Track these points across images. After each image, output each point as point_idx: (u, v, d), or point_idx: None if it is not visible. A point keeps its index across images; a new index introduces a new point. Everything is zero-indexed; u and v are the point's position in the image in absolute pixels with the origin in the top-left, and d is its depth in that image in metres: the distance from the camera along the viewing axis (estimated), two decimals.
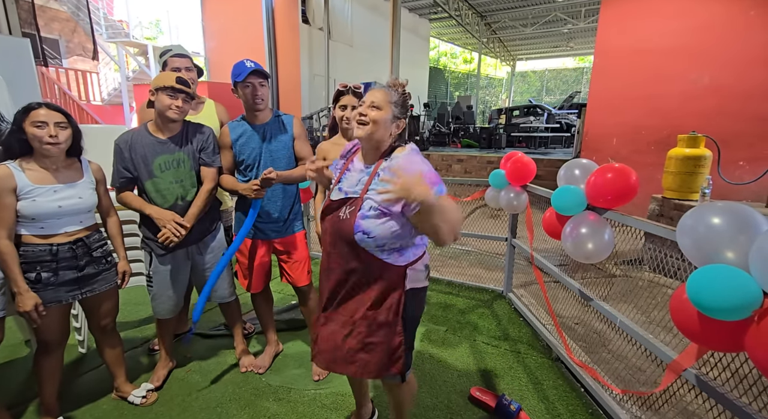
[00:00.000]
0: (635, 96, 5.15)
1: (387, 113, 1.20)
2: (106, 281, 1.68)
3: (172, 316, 1.95)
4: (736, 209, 1.05)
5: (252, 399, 1.89)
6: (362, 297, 1.26)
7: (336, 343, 1.29)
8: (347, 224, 1.18)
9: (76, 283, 1.58)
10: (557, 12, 13.19)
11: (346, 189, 1.26)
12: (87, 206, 1.59)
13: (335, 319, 1.31)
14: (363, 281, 1.25)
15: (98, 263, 1.64)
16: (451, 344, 2.39)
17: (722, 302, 0.96)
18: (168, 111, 1.69)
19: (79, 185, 1.57)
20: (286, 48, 9.67)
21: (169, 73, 1.71)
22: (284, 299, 2.95)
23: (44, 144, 1.45)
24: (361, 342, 1.26)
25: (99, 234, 1.67)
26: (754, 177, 3.74)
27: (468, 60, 24.08)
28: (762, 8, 4.35)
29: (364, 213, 1.17)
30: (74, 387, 1.96)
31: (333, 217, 1.25)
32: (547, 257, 2.54)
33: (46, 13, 10.93)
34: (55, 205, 1.49)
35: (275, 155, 1.86)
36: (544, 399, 1.90)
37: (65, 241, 1.53)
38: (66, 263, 1.54)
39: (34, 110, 1.45)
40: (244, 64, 1.75)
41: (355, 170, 1.29)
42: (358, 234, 1.17)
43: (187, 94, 1.71)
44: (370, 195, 1.18)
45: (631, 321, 1.66)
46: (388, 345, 1.26)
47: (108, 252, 1.70)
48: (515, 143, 10.68)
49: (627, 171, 1.67)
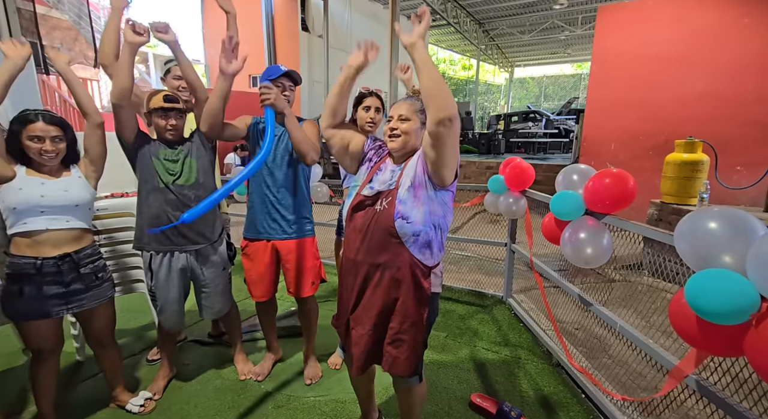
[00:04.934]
0: (632, 102, 5.19)
1: (416, 123, 1.29)
2: (96, 297, 1.62)
3: (180, 328, 1.94)
4: (732, 214, 1.06)
5: (251, 407, 1.87)
6: (392, 293, 1.27)
7: (367, 346, 1.32)
8: (387, 212, 1.24)
9: (63, 298, 1.53)
10: (554, 19, 13.33)
11: (378, 187, 1.31)
12: (73, 200, 1.53)
13: (364, 321, 1.32)
14: (392, 277, 1.26)
15: (86, 280, 1.57)
16: (451, 350, 2.38)
17: (720, 306, 0.96)
18: (165, 133, 1.71)
19: (65, 179, 1.55)
20: (286, 55, 9.75)
21: (157, 94, 1.72)
22: (282, 306, 2.94)
23: (39, 156, 1.47)
24: (392, 337, 1.29)
25: (93, 249, 1.62)
26: (751, 182, 3.76)
27: (467, 66, 24.26)
28: (755, 16, 4.40)
29: (400, 199, 1.24)
30: (72, 395, 1.94)
31: (368, 211, 1.29)
32: (547, 262, 2.54)
33: (48, 22, 11.01)
34: (37, 194, 1.46)
35: (282, 146, 1.85)
36: (545, 406, 1.89)
37: (51, 255, 1.48)
38: (50, 278, 1.49)
39: (32, 122, 1.44)
40: (278, 67, 1.81)
41: (386, 170, 1.35)
42: (398, 221, 1.22)
43: (178, 110, 1.73)
44: (403, 181, 1.26)
45: (631, 325, 1.66)
46: (416, 342, 1.30)
47: (99, 268, 1.63)
48: (514, 148, 10.73)
49: (625, 176, 1.67)
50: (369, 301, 1.30)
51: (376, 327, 1.30)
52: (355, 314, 1.34)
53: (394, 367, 1.30)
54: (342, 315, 1.42)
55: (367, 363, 1.34)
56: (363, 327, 1.32)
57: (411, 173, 1.26)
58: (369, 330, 1.30)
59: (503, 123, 11.57)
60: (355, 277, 1.32)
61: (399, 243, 1.24)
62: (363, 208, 1.31)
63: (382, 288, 1.28)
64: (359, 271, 1.31)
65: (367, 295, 1.30)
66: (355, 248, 1.32)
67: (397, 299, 1.27)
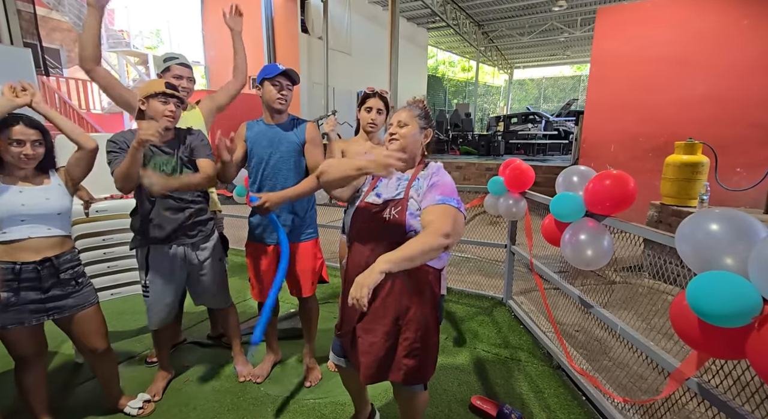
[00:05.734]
0: (632, 103, 5.19)
1: (414, 127, 1.32)
2: (77, 304, 1.57)
3: (164, 326, 1.92)
4: (734, 216, 1.05)
5: (250, 409, 1.86)
6: (404, 301, 1.26)
7: (378, 354, 1.28)
8: (397, 221, 1.24)
9: (41, 303, 1.49)
10: (554, 21, 13.36)
11: (385, 195, 1.31)
12: (55, 209, 1.50)
13: (375, 330, 1.29)
14: (404, 284, 1.25)
15: (65, 285, 1.53)
16: (451, 352, 2.37)
17: (722, 308, 0.95)
18: (161, 118, 1.67)
19: (45, 188, 1.51)
20: (286, 57, 9.76)
21: (157, 80, 1.71)
22: (282, 308, 2.93)
23: (18, 160, 1.44)
24: (408, 348, 1.27)
25: (72, 254, 1.58)
26: (751, 184, 3.75)
27: (466, 68, 24.30)
28: (754, 18, 4.42)
29: (411, 212, 1.24)
30: (70, 398, 1.93)
31: (376, 219, 1.28)
32: (547, 263, 2.54)
33: (48, 24, 11.03)
34: (18, 202, 1.42)
35: (283, 157, 1.84)
36: (546, 408, 1.89)
37: (31, 260, 1.44)
38: (29, 283, 1.45)
39: (12, 125, 1.41)
40: (276, 65, 1.81)
41: (391, 179, 1.34)
42: (411, 233, 1.21)
43: (178, 98, 1.72)
44: (412, 195, 1.26)
45: (632, 328, 1.65)
46: (431, 349, 1.30)
47: (79, 274, 1.59)
48: (513, 150, 10.74)
49: (625, 178, 1.67)
50: (380, 309, 1.27)
51: (389, 335, 1.27)
52: (364, 322, 1.31)
53: (411, 378, 1.28)
54: (347, 324, 1.38)
55: (378, 372, 1.29)
56: (374, 336, 1.28)
57: (418, 197, 1.25)
58: (381, 338, 1.27)
59: (503, 125, 11.57)
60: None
61: None
62: (369, 215, 1.30)
63: (394, 296, 1.26)
64: None
65: (377, 303, 1.27)
66: (364, 256, 1.28)
67: (409, 308, 1.25)
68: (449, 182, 1.27)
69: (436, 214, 1.17)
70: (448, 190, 1.23)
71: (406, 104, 1.40)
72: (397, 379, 1.29)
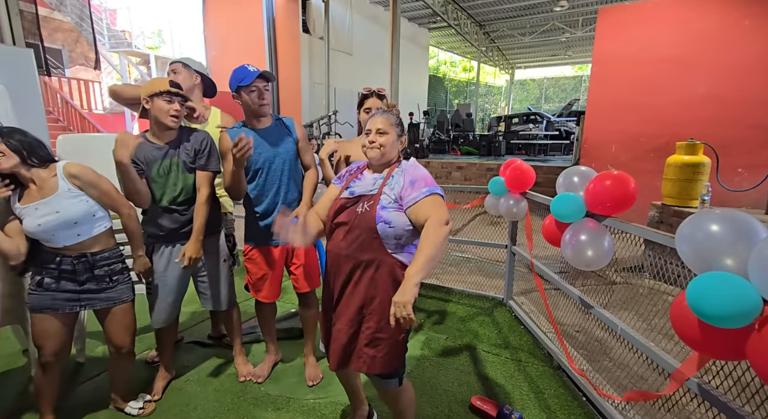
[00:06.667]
0: (633, 104, 5.18)
1: (392, 136, 1.37)
2: (110, 299, 1.63)
3: (168, 325, 1.93)
4: (735, 216, 1.05)
5: (250, 408, 1.87)
6: (371, 291, 1.29)
7: (342, 341, 1.32)
8: (368, 214, 1.28)
9: (76, 294, 1.57)
10: (555, 21, 13.34)
11: (359, 191, 1.36)
12: (70, 219, 1.48)
13: (342, 316, 1.33)
14: (372, 275, 1.28)
15: (100, 281, 1.60)
16: (452, 352, 2.37)
17: (722, 309, 0.95)
18: (166, 117, 1.67)
19: (54, 198, 1.47)
20: (287, 57, 9.76)
21: (161, 79, 1.72)
22: (282, 308, 2.93)
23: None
24: (369, 337, 1.29)
25: (111, 251, 1.62)
26: (752, 184, 3.75)
27: (467, 68, 24.28)
28: (756, 18, 4.40)
29: (383, 205, 1.28)
30: (71, 397, 1.94)
31: (349, 211, 1.33)
32: (547, 264, 2.54)
33: (50, 24, 11.05)
34: (35, 223, 1.45)
35: (285, 157, 1.85)
36: (546, 409, 1.89)
37: (69, 254, 1.54)
38: (67, 275, 1.55)
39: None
40: (246, 68, 1.72)
41: (366, 178, 1.41)
42: (380, 224, 1.26)
43: (183, 97, 1.72)
44: (386, 191, 1.31)
45: (632, 328, 1.65)
46: (395, 340, 1.30)
47: (115, 271, 1.63)
48: (514, 150, 10.71)
49: (626, 178, 1.67)
50: (349, 297, 1.32)
51: (352, 322, 1.31)
52: (337, 310, 1.36)
53: (372, 367, 1.30)
54: (326, 310, 1.43)
55: (343, 359, 1.34)
56: (341, 323, 1.33)
57: (393, 194, 1.30)
58: (346, 325, 1.32)
59: (504, 125, 11.55)
60: (339, 272, 1.33)
61: (380, 243, 1.27)
62: (344, 209, 1.35)
63: (362, 285, 1.29)
64: (342, 266, 1.32)
65: (348, 291, 1.32)
66: (338, 244, 1.33)
67: (374, 298, 1.28)
68: (426, 174, 1.33)
69: (430, 206, 1.23)
70: (429, 181, 1.30)
71: (381, 110, 1.43)
72: (359, 368, 1.32)
